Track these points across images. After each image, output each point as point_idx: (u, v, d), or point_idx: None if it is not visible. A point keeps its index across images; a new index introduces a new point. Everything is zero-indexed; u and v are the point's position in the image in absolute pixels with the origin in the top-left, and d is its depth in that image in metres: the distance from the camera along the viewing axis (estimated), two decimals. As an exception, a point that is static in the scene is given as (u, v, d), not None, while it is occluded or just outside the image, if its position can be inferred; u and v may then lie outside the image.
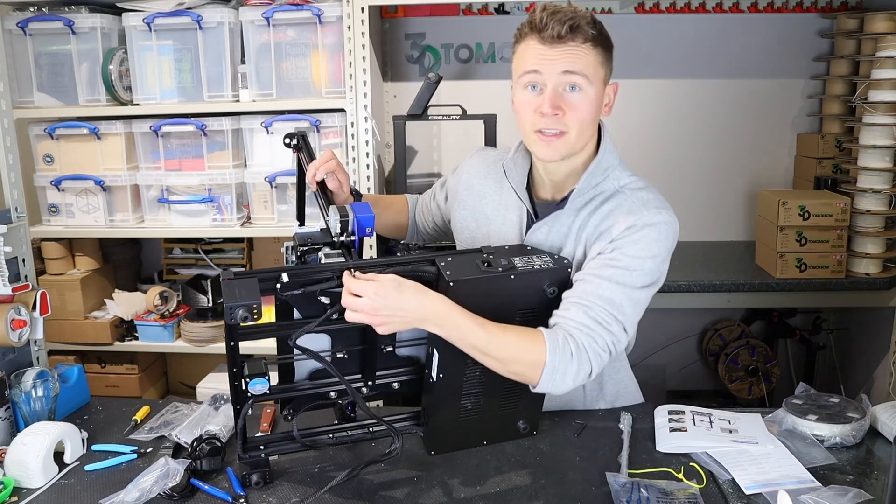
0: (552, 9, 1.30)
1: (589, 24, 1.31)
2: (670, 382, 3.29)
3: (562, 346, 1.25)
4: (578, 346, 1.26)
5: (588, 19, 1.31)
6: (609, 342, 1.29)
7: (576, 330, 1.28)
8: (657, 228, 1.34)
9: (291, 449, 1.37)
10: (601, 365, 1.30)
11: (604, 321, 1.29)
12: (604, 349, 1.29)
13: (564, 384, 1.27)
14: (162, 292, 2.72)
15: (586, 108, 1.35)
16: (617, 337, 1.30)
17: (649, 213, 1.35)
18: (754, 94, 3.06)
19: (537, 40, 1.31)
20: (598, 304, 1.29)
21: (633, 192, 1.40)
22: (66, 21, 2.49)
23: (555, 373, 1.25)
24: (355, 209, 1.32)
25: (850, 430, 1.43)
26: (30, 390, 1.54)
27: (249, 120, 2.57)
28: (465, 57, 3.11)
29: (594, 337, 1.28)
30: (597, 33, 1.32)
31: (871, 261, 2.63)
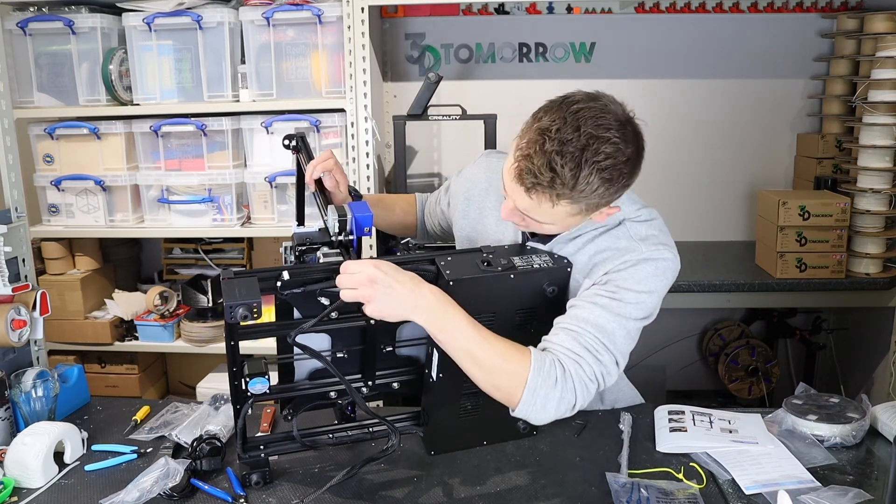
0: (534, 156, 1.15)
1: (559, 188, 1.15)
2: (670, 382, 3.29)
3: (547, 368, 1.18)
4: (565, 373, 1.19)
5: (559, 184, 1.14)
6: (598, 372, 1.22)
7: (563, 356, 1.21)
8: (654, 264, 1.28)
9: (291, 449, 1.37)
10: (586, 397, 1.22)
11: (594, 349, 1.22)
12: (591, 379, 1.21)
13: (546, 411, 1.19)
14: (162, 292, 2.72)
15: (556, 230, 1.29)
16: (607, 368, 1.23)
17: (648, 248, 1.29)
18: (754, 94, 3.06)
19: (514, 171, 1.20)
20: (588, 330, 1.23)
21: (633, 226, 1.33)
22: (66, 21, 2.49)
23: (535, 394, 1.17)
24: (353, 208, 1.32)
25: (850, 430, 1.43)
26: (30, 390, 1.54)
27: (249, 120, 2.57)
28: (465, 57, 3.11)
29: (581, 365, 1.21)
30: (572, 196, 1.16)
31: (871, 261, 2.63)
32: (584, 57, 3.07)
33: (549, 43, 3.07)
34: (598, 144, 1.14)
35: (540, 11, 3.06)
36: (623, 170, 1.17)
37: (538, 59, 3.09)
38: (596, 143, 1.14)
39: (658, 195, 3.05)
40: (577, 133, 1.14)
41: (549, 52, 3.07)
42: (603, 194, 1.18)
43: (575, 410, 1.22)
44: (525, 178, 1.17)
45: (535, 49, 3.08)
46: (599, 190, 1.16)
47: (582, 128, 1.14)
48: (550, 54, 3.08)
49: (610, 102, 1.20)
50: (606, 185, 1.16)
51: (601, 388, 1.25)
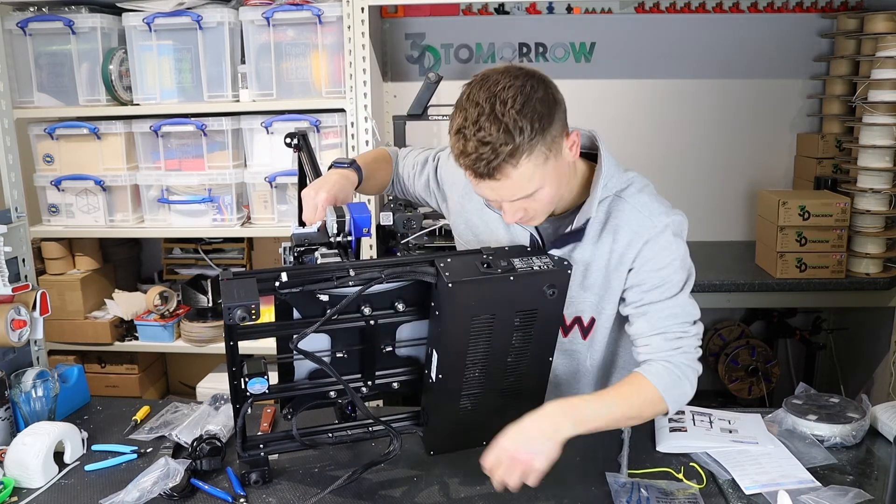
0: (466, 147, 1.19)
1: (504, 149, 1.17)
2: (670, 382, 3.28)
3: (666, 378, 1.32)
4: (678, 367, 1.34)
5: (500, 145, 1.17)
6: (696, 344, 1.38)
7: (669, 353, 1.34)
8: (664, 236, 1.35)
9: (291, 448, 1.37)
10: (698, 360, 1.39)
11: (682, 333, 1.35)
12: (696, 349, 1.37)
13: (688, 396, 1.37)
14: (162, 292, 2.72)
15: (548, 195, 1.29)
16: (697, 334, 1.38)
17: (655, 221, 1.35)
18: (754, 94, 3.06)
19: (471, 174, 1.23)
20: (668, 324, 1.35)
21: (633, 198, 1.38)
22: (66, 21, 2.49)
23: (678, 400, 1.34)
24: (352, 209, 1.32)
25: (850, 430, 1.43)
26: (30, 390, 1.54)
27: (249, 120, 2.57)
28: (465, 57, 3.11)
29: (684, 349, 1.35)
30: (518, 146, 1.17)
31: (871, 261, 2.63)
32: (584, 57, 3.07)
33: (549, 43, 3.07)
34: (499, 97, 1.18)
35: (540, 11, 3.06)
36: (535, 96, 1.19)
37: (538, 59, 3.09)
38: (495, 99, 1.18)
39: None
40: (478, 107, 1.18)
41: (549, 52, 3.08)
42: (541, 127, 1.19)
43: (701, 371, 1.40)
44: (479, 170, 1.20)
45: (535, 49, 3.08)
46: (535, 125, 1.18)
47: (480, 101, 1.19)
48: (550, 54, 3.08)
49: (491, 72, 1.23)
50: (536, 118, 1.18)
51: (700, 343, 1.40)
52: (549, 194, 1.29)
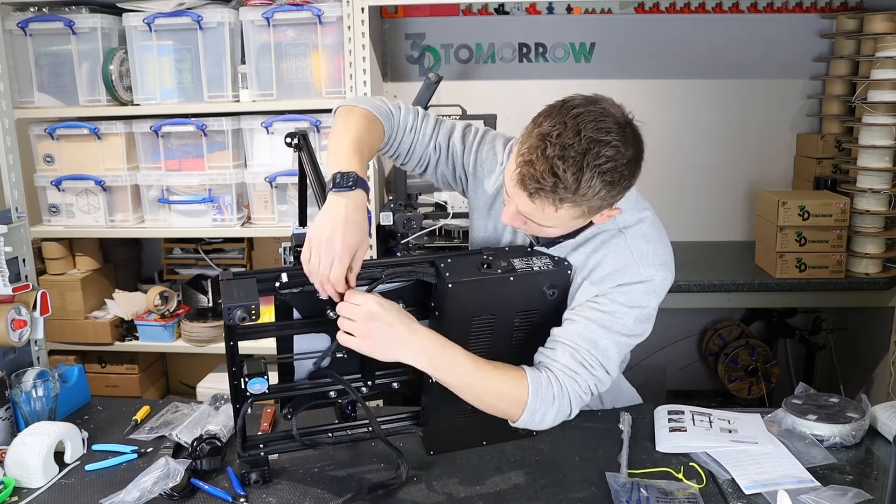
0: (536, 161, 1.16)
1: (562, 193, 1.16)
2: (670, 382, 3.29)
3: (544, 389, 1.24)
4: (562, 389, 1.25)
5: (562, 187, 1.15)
6: (592, 385, 1.28)
7: (560, 373, 1.26)
8: (647, 285, 1.30)
9: (291, 448, 1.37)
10: (581, 406, 1.29)
11: (589, 365, 1.27)
12: (585, 392, 1.27)
13: (543, 424, 1.27)
14: (162, 292, 2.72)
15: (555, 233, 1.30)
16: (600, 380, 1.29)
17: (644, 269, 1.30)
18: (754, 94, 3.07)
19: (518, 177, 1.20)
20: (584, 346, 1.26)
21: (634, 242, 1.32)
22: (67, 21, 2.49)
23: (534, 414, 1.24)
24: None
25: (850, 429, 1.43)
26: (30, 390, 1.54)
27: (249, 120, 2.58)
28: (465, 57, 3.11)
29: (577, 381, 1.26)
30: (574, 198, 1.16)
31: (870, 261, 2.63)
32: (584, 57, 3.07)
33: (549, 43, 3.07)
34: (599, 148, 1.14)
35: (540, 12, 3.06)
36: (624, 172, 1.18)
37: (538, 59, 3.09)
38: (597, 146, 1.14)
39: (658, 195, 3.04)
40: (577, 137, 1.14)
41: (548, 52, 3.08)
42: (605, 196, 1.19)
43: (570, 417, 1.29)
44: (528, 184, 1.17)
45: (534, 49, 3.08)
46: (602, 192, 1.17)
47: (582, 132, 1.14)
48: (550, 54, 3.08)
49: (609, 105, 1.20)
50: (608, 187, 1.17)
51: (594, 395, 1.30)
52: (556, 233, 1.31)
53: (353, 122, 1.36)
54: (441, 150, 1.48)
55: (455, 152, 1.48)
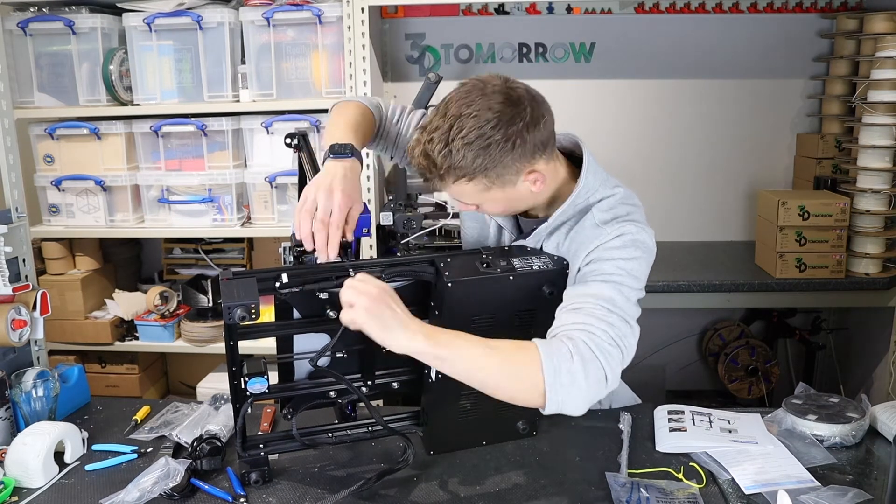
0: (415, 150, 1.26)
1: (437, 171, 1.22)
2: (670, 382, 3.29)
3: (556, 347, 1.13)
4: (576, 344, 1.13)
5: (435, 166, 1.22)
6: (613, 335, 1.15)
7: (570, 329, 1.16)
8: (620, 239, 1.27)
9: (291, 448, 1.37)
10: (613, 365, 1.14)
11: (600, 315, 1.16)
12: (609, 343, 1.14)
13: (578, 389, 1.11)
14: (162, 292, 2.72)
15: (498, 208, 1.35)
16: (620, 330, 1.16)
17: (609, 228, 1.29)
18: (754, 94, 3.06)
19: None
20: (588, 300, 1.19)
21: (598, 214, 1.32)
22: (67, 21, 2.49)
23: (558, 376, 1.09)
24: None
25: (850, 429, 1.43)
26: (30, 390, 1.54)
27: (249, 120, 2.58)
28: (465, 57, 3.11)
29: (592, 331, 1.14)
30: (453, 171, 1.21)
31: (870, 261, 2.63)
32: (584, 57, 3.07)
33: (549, 43, 3.07)
34: (462, 121, 1.21)
35: (540, 12, 3.06)
36: (494, 135, 1.20)
37: (538, 59, 3.09)
38: (459, 121, 1.21)
39: (658, 195, 3.09)
40: (443, 118, 1.22)
41: (549, 52, 3.08)
42: (486, 163, 1.22)
43: (611, 383, 1.15)
44: (422, 174, 1.27)
45: (535, 49, 3.08)
46: (478, 160, 1.21)
47: (448, 112, 1.23)
48: (550, 54, 3.08)
49: (479, 80, 1.25)
50: (482, 153, 1.21)
51: (625, 353, 1.18)
52: (497, 209, 1.35)
53: (347, 111, 1.46)
54: None
55: None
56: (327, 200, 1.23)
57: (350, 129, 1.39)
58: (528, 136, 1.23)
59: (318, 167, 1.42)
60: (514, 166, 1.24)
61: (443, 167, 1.23)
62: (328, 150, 1.31)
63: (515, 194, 1.30)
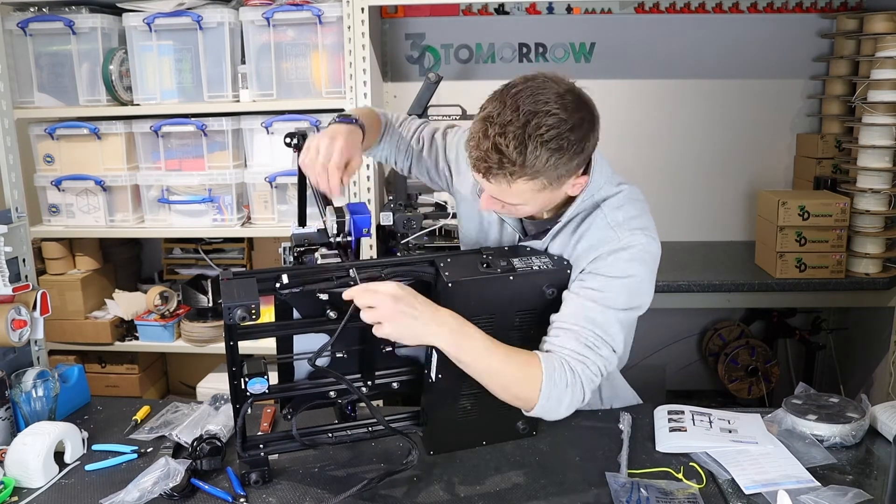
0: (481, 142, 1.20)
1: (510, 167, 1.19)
2: (670, 382, 3.29)
3: (558, 374, 1.23)
4: (574, 374, 1.25)
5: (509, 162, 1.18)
6: (601, 366, 1.28)
7: (570, 358, 1.26)
8: (628, 252, 1.29)
9: (291, 448, 1.37)
10: (592, 390, 1.28)
11: (594, 345, 1.27)
12: (596, 374, 1.28)
13: (558, 411, 1.26)
14: (162, 292, 2.72)
15: (531, 210, 1.33)
16: (607, 360, 1.29)
17: (622, 235, 1.30)
18: (754, 94, 3.06)
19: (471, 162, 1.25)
20: (586, 327, 1.27)
21: (610, 212, 1.33)
22: (67, 21, 2.49)
23: (550, 399, 1.23)
24: (352, 209, 1.32)
25: (850, 429, 1.43)
26: (30, 390, 1.54)
27: (249, 120, 2.58)
28: (465, 57, 3.11)
29: (587, 364, 1.26)
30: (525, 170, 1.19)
31: (870, 261, 2.63)
32: (584, 57, 3.07)
33: (549, 43, 3.07)
34: (539, 119, 1.18)
35: (540, 12, 3.06)
36: (570, 137, 1.19)
37: (538, 59, 3.09)
38: (535, 118, 1.18)
39: (658, 195, 3.08)
40: (516, 113, 1.18)
41: (549, 52, 3.08)
42: (556, 164, 1.20)
43: (584, 403, 1.28)
44: (479, 166, 1.22)
45: (535, 49, 3.08)
46: (551, 161, 1.19)
47: (521, 107, 1.19)
48: (550, 54, 3.08)
49: (548, 79, 1.23)
50: (556, 154, 1.19)
51: (603, 377, 1.30)
52: (530, 211, 1.33)
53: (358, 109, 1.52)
54: (424, 141, 1.59)
55: (437, 147, 1.58)
56: (329, 146, 1.30)
57: (360, 113, 1.44)
58: (591, 141, 1.24)
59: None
60: (575, 167, 1.25)
61: (516, 163, 1.18)
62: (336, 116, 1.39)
63: (557, 196, 1.30)
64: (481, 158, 1.21)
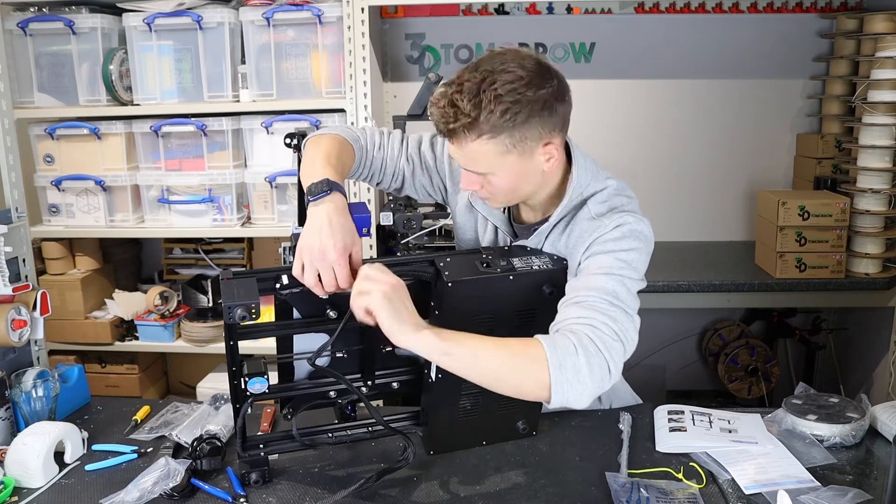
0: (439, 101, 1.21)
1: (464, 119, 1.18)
2: (670, 382, 3.29)
3: (560, 341, 1.13)
4: (580, 338, 1.13)
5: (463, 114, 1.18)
6: (615, 329, 1.15)
7: (572, 324, 1.16)
8: (619, 230, 1.27)
9: (291, 448, 1.37)
10: (615, 358, 1.14)
11: (601, 308, 1.17)
12: (611, 336, 1.14)
13: (582, 383, 1.11)
14: (162, 292, 2.72)
15: (505, 183, 1.29)
16: (622, 323, 1.16)
17: (606, 220, 1.29)
18: (754, 94, 3.07)
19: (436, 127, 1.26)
20: (590, 294, 1.19)
21: (594, 206, 1.33)
22: (67, 21, 2.49)
23: (563, 370, 1.09)
24: (352, 209, 1.32)
25: (850, 429, 1.43)
26: (30, 390, 1.54)
27: (249, 120, 2.58)
28: (465, 57, 3.11)
29: (594, 325, 1.15)
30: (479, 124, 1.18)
31: (870, 261, 2.63)
32: (584, 57, 3.07)
33: (549, 43, 3.07)
34: (495, 76, 1.18)
35: (540, 11, 3.06)
36: (526, 93, 1.19)
37: (538, 59, 3.09)
38: (492, 75, 1.19)
39: (658, 195, 3.08)
40: (474, 73, 1.20)
41: (549, 52, 3.08)
42: (514, 120, 1.19)
43: (614, 376, 1.15)
44: (439, 126, 1.23)
45: (535, 49, 3.07)
46: (507, 116, 1.18)
47: (480, 68, 1.20)
48: (550, 54, 3.08)
49: (515, 50, 1.24)
50: (512, 109, 1.18)
51: (627, 346, 1.18)
52: (504, 183, 1.29)
53: (323, 144, 1.38)
54: (414, 161, 1.52)
55: (427, 162, 1.53)
56: (325, 266, 1.18)
57: (325, 163, 1.31)
58: (555, 105, 1.23)
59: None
60: (538, 131, 1.23)
61: (470, 117, 1.18)
62: (306, 192, 1.25)
63: (527, 168, 1.27)
64: (440, 115, 1.22)
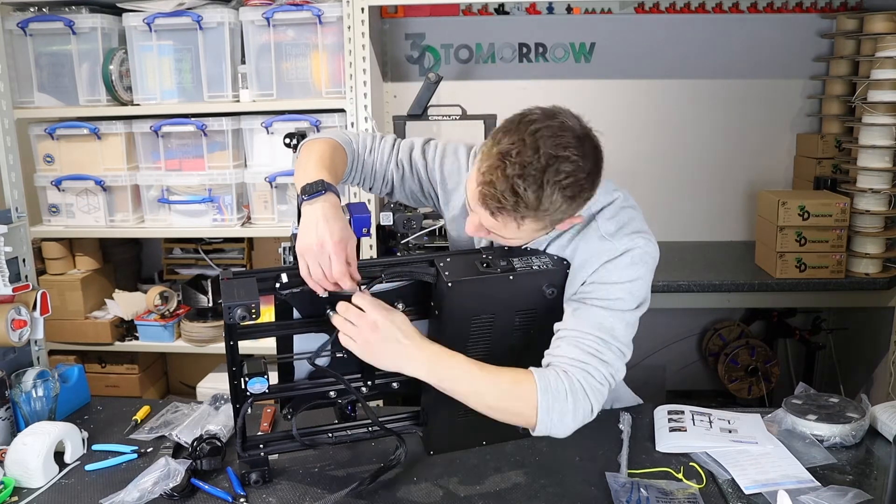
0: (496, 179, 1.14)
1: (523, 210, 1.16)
2: (670, 382, 3.29)
3: (553, 384, 1.20)
4: (573, 383, 1.21)
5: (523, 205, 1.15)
6: (606, 374, 1.23)
7: (569, 366, 1.22)
8: (628, 255, 1.28)
9: (291, 448, 1.37)
10: (601, 399, 1.23)
11: (597, 352, 1.23)
12: (601, 382, 1.23)
13: (564, 424, 1.21)
14: (162, 292, 2.72)
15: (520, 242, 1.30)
16: (614, 366, 1.24)
17: (618, 242, 1.29)
18: (754, 94, 3.07)
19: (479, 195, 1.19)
20: (588, 333, 1.24)
21: (603, 224, 1.31)
22: (67, 21, 2.49)
23: (550, 413, 1.19)
24: (352, 209, 1.32)
25: (850, 429, 1.43)
26: (30, 390, 1.54)
27: (249, 120, 2.58)
28: (465, 57, 3.11)
29: (589, 371, 1.22)
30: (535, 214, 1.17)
31: (870, 261, 2.63)
32: (584, 57, 3.07)
33: (549, 43, 3.07)
34: (559, 164, 1.14)
35: (540, 12, 3.06)
36: (584, 185, 1.18)
37: (538, 59, 3.09)
38: (556, 162, 1.14)
39: (658, 195, 3.09)
40: (536, 154, 1.13)
41: (549, 52, 3.08)
42: (566, 210, 1.19)
43: (594, 415, 1.24)
44: (489, 203, 1.17)
45: (535, 49, 3.08)
46: (563, 207, 1.18)
47: (541, 148, 1.14)
48: (550, 54, 3.08)
49: (567, 118, 1.19)
50: (569, 201, 1.17)
51: (613, 385, 1.26)
52: (519, 242, 1.31)
53: (316, 149, 1.39)
54: (403, 166, 1.51)
55: (418, 168, 1.51)
56: (321, 258, 1.19)
57: (320, 166, 1.32)
58: (598, 183, 1.22)
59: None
60: (578, 209, 1.23)
61: (529, 206, 1.15)
62: (300, 192, 1.26)
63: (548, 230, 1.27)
64: (494, 197, 1.15)
